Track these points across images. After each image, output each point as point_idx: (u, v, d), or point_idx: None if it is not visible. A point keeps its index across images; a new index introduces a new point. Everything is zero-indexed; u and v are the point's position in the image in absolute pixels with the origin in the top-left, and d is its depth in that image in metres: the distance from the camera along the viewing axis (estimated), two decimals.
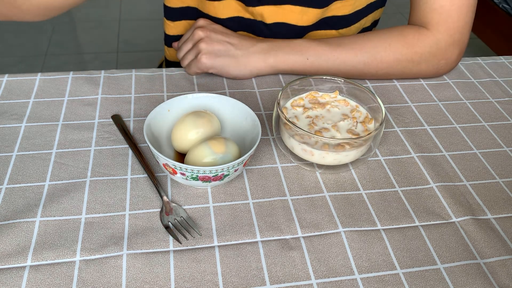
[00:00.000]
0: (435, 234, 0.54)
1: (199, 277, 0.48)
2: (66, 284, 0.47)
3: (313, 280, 0.48)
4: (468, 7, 0.72)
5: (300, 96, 0.64)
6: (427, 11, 0.73)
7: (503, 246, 0.53)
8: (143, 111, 0.68)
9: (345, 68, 0.73)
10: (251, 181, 0.58)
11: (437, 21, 0.73)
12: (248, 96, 0.72)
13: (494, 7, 2.16)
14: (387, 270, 0.50)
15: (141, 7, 2.68)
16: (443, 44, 0.73)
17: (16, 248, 0.49)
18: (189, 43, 0.74)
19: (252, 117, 0.59)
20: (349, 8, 0.79)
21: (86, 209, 0.54)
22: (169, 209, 0.54)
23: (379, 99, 0.61)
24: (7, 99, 0.68)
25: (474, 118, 0.72)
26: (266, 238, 0.52)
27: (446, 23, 0.72)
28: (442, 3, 0.72)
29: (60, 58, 2.25)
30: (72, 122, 0.65)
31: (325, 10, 0.78)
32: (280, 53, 0.73)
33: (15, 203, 0.54)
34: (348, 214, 0.55)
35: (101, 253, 0.49)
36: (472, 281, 0.49)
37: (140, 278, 0.47)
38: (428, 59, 0.74)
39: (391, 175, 0.61)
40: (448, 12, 0.72)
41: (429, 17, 0.73)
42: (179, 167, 0.52)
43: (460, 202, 0.58)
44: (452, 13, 0.72)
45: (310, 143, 0.57)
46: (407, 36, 0.73)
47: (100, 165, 0.59)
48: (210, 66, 0.72)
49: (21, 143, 0.61)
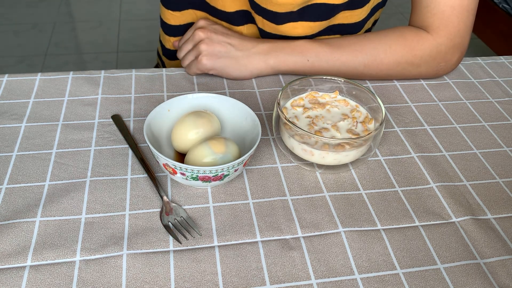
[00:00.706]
0: (435, 234, 0.54)
1: (199, 277, 0.48)
2: (66, 284, 0.47)
3: (313, 280, 0.48)
4: (468, 11, 0.72)
5: (300, 96, 0.64)
6: (428, 15, 0.73)
7: (503, 246, 0.53)
8: (143, 111, 0.68)
9: (345, 69, 0.73)
10: (251, 181, 0.58)
11: (437, 25, 0.73)
12: (248, 96, 0.72)
13: (494, 7, 2.16)
14: (387, 270, 0.50)
15: (141, 7, 2.68)
16: (443, 48, 0.73)
17: (16, 248, 0.49)
18: (189, 44, 0.74)
19: (252, 117, 0.59)
20: (356, 18, 0.79)
21: (86, 209, 0.54)
22: (169, 209, 0.54)
23: (379, 99, 0.61)
24: (7, 99, 0.68)
25: (474, 118, 0.72)
26: (266, 238, 0.52)
27: (446, 28, 0.72)
28: (443, 8, 0.71)
29: (60, 58, 2.25)
30: (72, 122, 0.65)
31: (332, 20, 0.78)
32: (280, 54, 0.73)
33: (15, 203, 0.54)
34: (348, 214, 0.55)
35: (101, 253, 0.49)
36: (472, 281, 0.49)
37: (140, 278, 0.47)
38: (428, 62, 0.74)
39: (391, 175, 0.61)
40: (449, 17, 0.72)
41: (429, 21, 0.73)
42: (179, 167, 0.52)
43: (460, 202, 0.58)
44: (453, 18, 0.72)
45: (310, 143, 0.57)
46: (407, 38, 0.73)
47: (100, 165, 0.59)
48: (210, 67, 0.72)
49: (21, 143, 0.61)
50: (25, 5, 2.64)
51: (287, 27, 0.76)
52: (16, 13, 2.56)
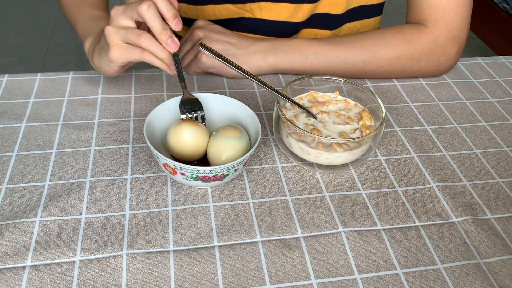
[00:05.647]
0: (435, 234, 0.54)
1: (199, 277, 0.48)
2: (66, 284, 0.47)
3: (313, 280, 0.48)
4: (464, 3, 0.73)
5: (300, 96, 0.64)
6: (424, 7, 0.74)
7: (503, 246, 0.53)
8: (143, 111, 0.68)
9: (345, 66, 0.73)
10: (251, 181, 0.58)
11: (434, 17, 0.73)
12: (248, 96, 0.72)
13: (494, 7, 2.16)
14: (387, 270, 0.50)
15: None
16: (442, 40, 0.74)
17: (16, 248, 0.49)
18: (188, 44, 0.74)
19: (252, 117, 0.59)
20: (342, 7, 0.80)
21: (86, 209, 0.54)
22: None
23: (379, 99, 0.61)
24: (7, 99, 0.68)
25: (474, 118, 0.72)
26: (266, 238, 0.52)
27: (443, 19, 0.73)
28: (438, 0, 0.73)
29: (60, 58, 2.25)
30: (72, 122, 0.65)
31: (317, 5, 0.78)
32: (279, 52, 0.73)
33: (15, 203, 0.54)
34: (348, 214, 0.55)
35: (101, 253, 0.49)
36: (472, 281, 0.49)
37: (140, 278, 0.47)
38: (427, 56, 0.74)
39: (391, 175, 0.61)
40: (445, 8, 0.73)
41: (426, 13, 0.74)
42: (179, 167, 0.52)
43: (460, 202, 0.58)
44: (449, 9, 0.73)
45: (307, 141, 0.57)
46: (406, 33, 0.74)
47: (100, 165, 0.59)
48: (210, 65, 0.72)
49: (21, 143, 0.61)
50: (25, 5, 2.64)
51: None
52: (16, 13, 2.56)
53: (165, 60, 0.57)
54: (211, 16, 0.80)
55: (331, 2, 0.79)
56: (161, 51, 0.57)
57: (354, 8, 0.82)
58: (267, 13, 0.79)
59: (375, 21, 0.87)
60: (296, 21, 0.80)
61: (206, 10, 0.80)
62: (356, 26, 0.85)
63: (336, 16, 0.81)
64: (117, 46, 0.58)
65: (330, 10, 0.80)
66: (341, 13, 0.81)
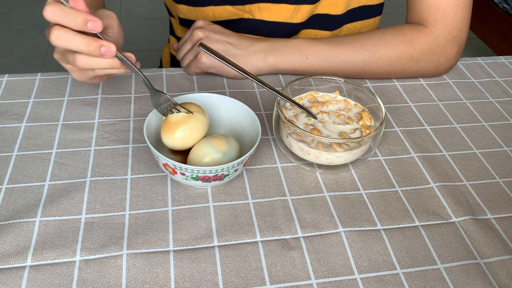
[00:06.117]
0: (435, 234, 0.54)
1: (199, 277, 0.48)
2: (66, 284, 0.47)
3: (313, 280, 0.48)
4: (464, 3, 0.73)
5: (300, 96, 0.64)
6: (424, 8, 0.74)
7: (503, 246, 0.53)
8: (143, 111, 0.68)
9: (345, 66, 0.73)
10: (251, 181, 0.58)
11: (434, 17, 0.73)
12: (248, 96, 0.72)
13: (494, 7, 2.16)
14: (387, 270, 0.50)
15: (141, 7, 2.68)
16: (442, 40, 0.74)
17: (16, 248, 0.49)
18: (188, 44, 0.74)
19: (252, 117, 0.59)
20: (342, 8, 0.80)
21: (86, 209, 0.54)
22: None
23: (379, 99, 0.61)
24: (7, 99, 0.68)
25: (474, 118, 0.72)
26: (266, 238, 0.52)
27: (443, 19, 0.73)
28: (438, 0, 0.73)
29: None
30: (72, 122, 0.65)
31: (317, 6, 0.78)
32: (279, 53, 0.73)
33: (15, 203, 0.54)
34: (348, 214, 0.55)
35: (101, 253, 0.49)
36: (472, 281, 0.49)
37: (140, 278, 0.47)
38: (427, 56, 0.74)
39: (391, 175, 0.61)
40: (444, 9, 0.73)
41: (426, 14, 0.74)
42: (179, 167, 0.52)
43: (460, 202, 0.58)
44: (449, 9, 0.73)
45: (307, 141, 0.57)
46: (406, 33, 0.74)
47: (100, 165, 0.59)
48: (210, 65, 0.72)
49: (21, 143, 0.61)
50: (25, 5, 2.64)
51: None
52: (16, 13, 2.56)
53: (115, 67, 0.55)
54: (211, 17, 0.81)
55: (330, 2, 0.79)
56: (103, 62, 0.54)
57: (353, 9, 0.82)
58: (266, 14, 0.79)
59: (375, 22, 0.87)
60: (296, 22, 0.80)
61: (205, 11, 0.80)
62: (356, 26, 0.85)
63: (336, 16, 0.81)
64: (72, 70, 0.58)
65: (330, 11, 0.80)
66: (340, 14, 0.81)
